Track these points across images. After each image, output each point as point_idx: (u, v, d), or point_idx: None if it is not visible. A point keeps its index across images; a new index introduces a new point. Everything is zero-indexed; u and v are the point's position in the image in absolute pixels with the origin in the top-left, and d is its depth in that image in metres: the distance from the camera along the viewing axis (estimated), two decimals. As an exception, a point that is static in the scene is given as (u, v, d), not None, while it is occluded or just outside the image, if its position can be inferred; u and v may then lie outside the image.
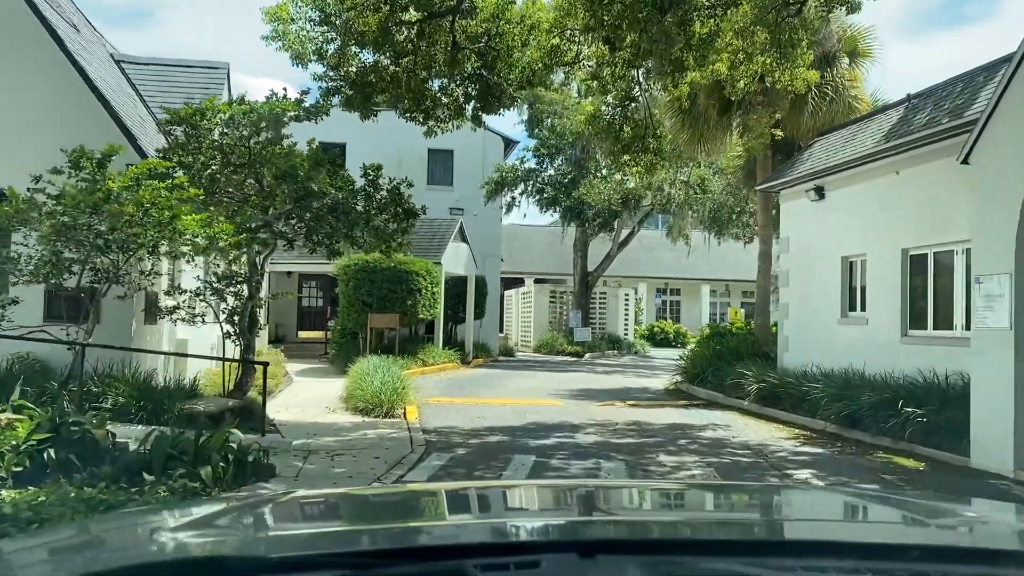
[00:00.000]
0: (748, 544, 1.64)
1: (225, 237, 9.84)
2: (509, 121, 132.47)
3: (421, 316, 20.92)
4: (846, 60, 17.92)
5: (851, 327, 14.61)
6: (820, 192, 15.49)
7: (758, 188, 17.55)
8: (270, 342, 25.00)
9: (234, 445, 7.87)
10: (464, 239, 24.51)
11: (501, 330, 35.40)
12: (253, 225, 11.19)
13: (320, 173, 11.15)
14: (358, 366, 15.37)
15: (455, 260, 23.65)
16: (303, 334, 27.92)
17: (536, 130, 26.53)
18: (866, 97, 18.11)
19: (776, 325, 17.96)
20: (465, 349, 24.23)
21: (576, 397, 16.46)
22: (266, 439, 9.96)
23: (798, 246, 16.39)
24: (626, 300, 33.29)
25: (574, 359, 28.17)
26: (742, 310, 28.55)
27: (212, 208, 11.18)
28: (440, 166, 27.96)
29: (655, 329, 37.60)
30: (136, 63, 17.26)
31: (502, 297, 37.61)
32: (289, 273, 26.94)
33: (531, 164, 27.31)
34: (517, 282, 37.84)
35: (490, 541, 1.62)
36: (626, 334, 32.87)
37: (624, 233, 30.90)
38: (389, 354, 19.76)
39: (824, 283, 15.38)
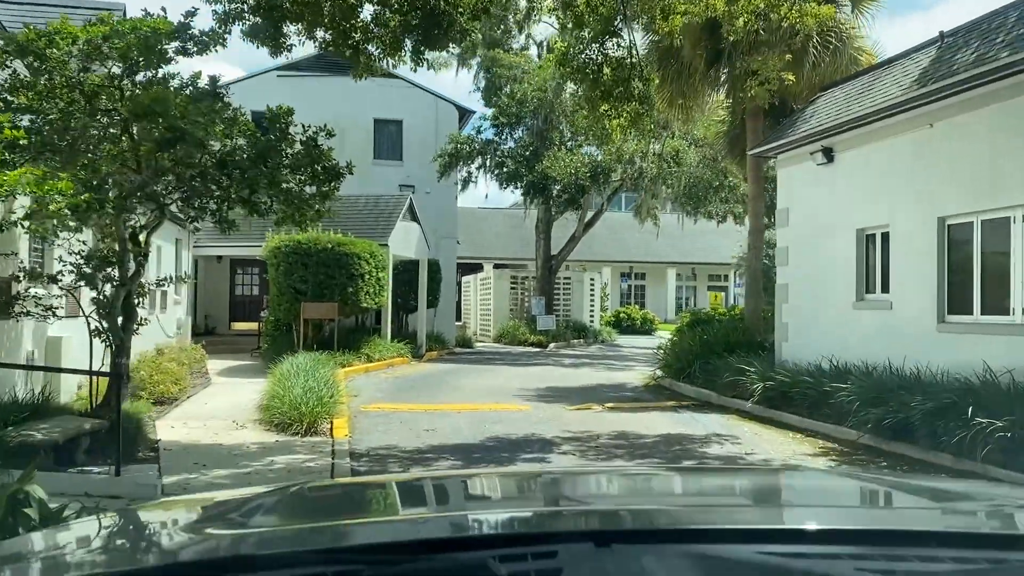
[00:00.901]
0: (765, 531, 1.54)
1: (59, 199, 6.90)
2: (463, 89, 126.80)
3: (365, 305, 18.03)
4: (848, 6, 15.45)
5: (870, 312, 12.15)
6: (828, 154, 12.99)
7: (750, 153, 15.00)
8: (197, 336, 21.94)
9: (30, 512, 5.00)
10: (415, 218, 21.64)
11: (459, 319, 32.64)
12: (123, 186, 8.25)
13: (206, 114, 8.21)
14: (282, 367, 12.50)
15: (404, 242, 20.80)
16: (237, 326, 24.81)
17: (494, 98, 23.66)
18: (871, 50, 15.66)
19: (769, 311, 15.54)
20: (417, 341, 21.41)
21: (544, 398, 13.80)
22: (124, 480, 7.08)
23: (800, 219, 13.89)
24: (592, 285, 30.71)
25: (537, 350, 25.52)
26: (722, 294, 26.09)
27: (77, 168, 8.24)
28: (388, 139, 25.03)
29: (621, 315, 35.13)
30: (7, 1, 14.06)
31: (460, 284, 34.86)
32: (219, 258, 23.84)
33: (489, 135, 24.44)
34: (475, 268, 35.08)
35: (506, 532, 1.59)
36: (592, 321, 30.30)
37: (590, 213, 28.29)
38: (327, 349, 16.91)
39: (834, 260, 12.91)
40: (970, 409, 8.16)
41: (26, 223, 7.44)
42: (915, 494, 2.13)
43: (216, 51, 9.08)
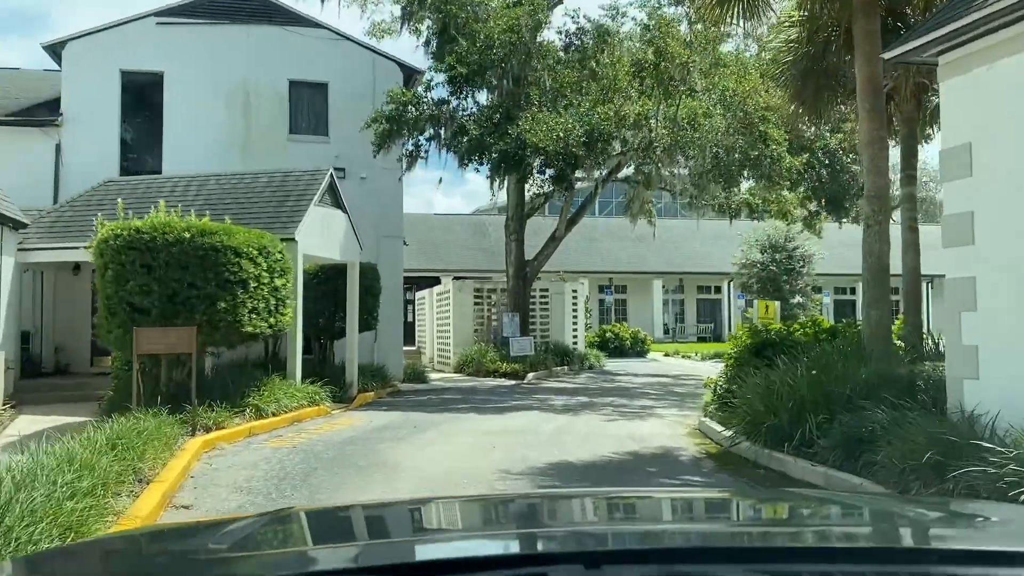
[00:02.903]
0: (756, 551, 1.51)
1: None
2: (408, 44, 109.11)
3: (250, 328, 11.07)
4: None
5: None
6: (1080, 28, 6.63)
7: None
8: (36, 377, 14.99)
9: None
10: (339, 204, 14.84)
11: (412, 343, 25.88)
12: None
13: None
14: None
15: (324, 236, 14.02)
16: (104, 362, 17.61)
17: (450, 45, 17.05)
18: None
19: (903, 322, 9.14)
20: (346, 379, 14.57)
21: (550, 497, 7.10)
22: None
23: (1003, 160, 7.48)
24: (574, 298, 24.19)
25: (512, 383, 18.85)
26: (775, 304, 19.77)
27: None
28: (308, 108, 18.23)
29: (607, 334, 28.63)
30: None
31: (413, 300, 28.12)
32: (76, 267, 16.68)
33: (443, 93, 17.69)
34: (432, 282, 28.34)
35: (495, 554, 1.50)
36: (575, 343, 23.76)
37: (574, 206, 21.78)
38: (183, 402, 10.06)
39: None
40: None
41: None
42: (908, 514, 2.00)
43: None
